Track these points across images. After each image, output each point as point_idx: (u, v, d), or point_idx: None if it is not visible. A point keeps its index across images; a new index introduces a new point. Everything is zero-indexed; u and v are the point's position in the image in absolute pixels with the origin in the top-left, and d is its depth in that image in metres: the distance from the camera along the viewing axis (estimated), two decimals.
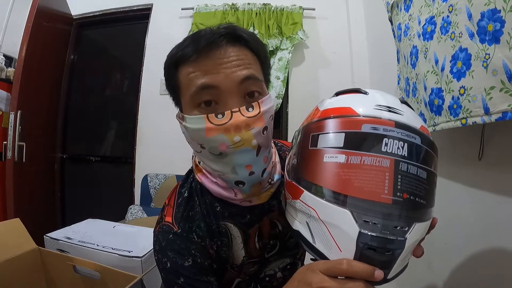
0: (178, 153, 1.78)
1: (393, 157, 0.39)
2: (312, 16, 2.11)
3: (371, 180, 0.38)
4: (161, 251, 0.56)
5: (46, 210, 2.19)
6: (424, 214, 0.41)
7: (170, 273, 0.54)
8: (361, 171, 0.39)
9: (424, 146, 0.41)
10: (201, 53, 0.49)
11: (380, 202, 0.38)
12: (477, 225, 0.91)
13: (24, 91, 1.85)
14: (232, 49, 0.50)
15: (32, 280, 1.09)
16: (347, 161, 0.40)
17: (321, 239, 0.42)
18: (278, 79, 2.00)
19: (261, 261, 0.65)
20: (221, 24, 0.53)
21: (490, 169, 0.87)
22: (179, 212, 0.58)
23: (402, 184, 0.38)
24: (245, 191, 0.55)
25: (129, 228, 1.43)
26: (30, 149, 1.91)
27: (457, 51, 0.77)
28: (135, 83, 2.27)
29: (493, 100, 0.66)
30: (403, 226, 0.38)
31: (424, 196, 0.40)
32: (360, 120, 0.41)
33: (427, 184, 0.40)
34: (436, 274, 1.10)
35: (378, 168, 0.38)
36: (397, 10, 1.18)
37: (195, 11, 2.11)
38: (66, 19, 2.33)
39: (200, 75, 0.49)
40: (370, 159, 0.39)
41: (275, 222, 0.63)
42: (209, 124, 0.48)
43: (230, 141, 0.48)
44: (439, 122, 0.88)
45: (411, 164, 0.39)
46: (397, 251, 0.38)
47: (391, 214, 0.38)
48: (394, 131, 0.40)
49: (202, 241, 0.57)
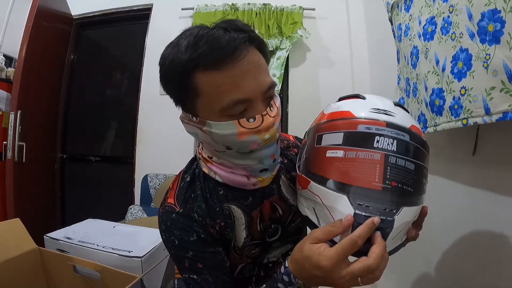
0: (178, 153, 1.79)
1: (384, 152, 0.46)
2: (312, 16, 2.11)
3: (364, 171, 0.46)
4: (168, 231, 0.59)
5: (46, 210, 2.19)
6: (412, 200, 0.47)
7: (179, 249, 0.58)
8: (356, 164, 0.46)
9: (412, 142, 0.48)
10: (226, 60, 0.48)
11: (371, 188, 0.45)
12: (477, 224, 0.91)
13: (24, 91, 1.85)
14: (251, 52, 0.51)
15: (32, 280, 1.09)
16: (345, 156, 0.47)
17: (324, 221, 0.50)
18: (274, 76, 2.00)
19: (263, 244, 0.67)
20: (224, 21, 0.53)
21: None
22: (181, 194, 0.62)
23: (391, 174, 0.45)
24: (266, 175, 0.61)
25: (129, 228, 1.43)
26: (30, 149, 1.91)
27: (458, 51, 0.77)
28: (135, 83, 2.27)
29: (494, 100, 0.66)
30: (391, 209, 0.45)
31: (412, 184, 0.47)
32: (356, 121, 0.49)
33: (415, 174, 0.47)
34: (436, 272, 1.10)
35: (370, 161, 0.46)
36: (397, 10, 1.18)
37: (195, 11, 2.11)
38: (66, 19, 2.33)
39: (232, 88, 0.49)
40: (364, 154, 0.46)
41: (275, 205, 0.67)
42: (241, 129, 0.51)
43: (262, 140, 0.53)
44: (440, 123, 0.88)
45: (399, 157, 0.46)
46: (387, 229, 0.45)
47: (381, 199, 0.45)
48: (385, 130, 0.47)
49: (203, 220, 0.60)
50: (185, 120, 0.57)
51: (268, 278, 0.61)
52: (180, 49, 0.50)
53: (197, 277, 0.58)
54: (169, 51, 0.52)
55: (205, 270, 0.58)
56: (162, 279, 1.23)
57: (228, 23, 0.52)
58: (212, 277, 0.58)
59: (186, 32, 0.52)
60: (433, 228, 1.11)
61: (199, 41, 0.49)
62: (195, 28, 0.51)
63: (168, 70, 0.53)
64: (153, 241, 1.22)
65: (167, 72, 0.53)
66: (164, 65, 0.53)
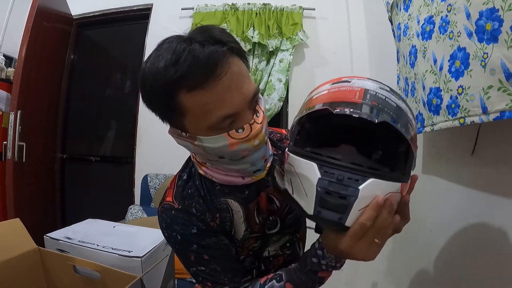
0: (178, 153, 1.78)
1: (364, 87, 0.49)
2: (312, 16, 2.11)
3: (344, 94, 0.49)
4: (169, 228, 0.60)
5: (46, 210, 2.20)
6: (385, 175, 0.47)
7: (183, 243, 0.59)
8: (338, 92, 0.50)
9: (393, 93, 0.50)
10: (209, 79, 0.47)
11: (351, 102, 0.47)
12: (477, 224, 0.91)
13: (24, 91, 1.85)
14: (232, 64, 0.50)
15: (32, 280, 1.09)
16: (328, 91, 0.51)
17: (296, 189, 0.52)
18: (280, 82, 2.00)
19: (262, 237, 0.68)
20: (199, 32, 0.51)
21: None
22: (178, 192, 0.63)
23: (371, 98, 0.47)
24: (259, 174, 0.63)
25: (129, 228, 1.44)
26: (30, 149, 1.92)
27: (456, 50, 0.77)
28: (135, 83, 2.28)
29: (491, 99, 0.66)
30: (357, 179, 0.46)
31: (393, 114, 0.47)
32: (343, 77, 0.54)
33: (396, 109, 0.48)
34: (436, 272, 1.10)
35: (351, 90, 0.49)
36: (397, 10, 1.18)
37: (195, 11, 2.11)
38: (66, 19, 2.33)
39: (218, 105, 0.49)
40: (346, 87, 0.50)
41: (271, 197, 0.68)
42: (232, 140, 0.52)
43: (252, 146, 0.54)
44: (437, 122, 0.88)
45: (380, 91, 0.48)
46: (351, 198, 0.45)
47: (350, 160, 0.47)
48: (366, 79, 0.51)
49: (202, 214, 0.61)
50: (175, 135, 0.57)
51: (268, 272, 0.64)
52: (159, 68, 0.48)
53: (205, 268, 0.59)
54: (148, 70, 0.50)
55: (212, 260, 0.59)
56: (162, 279, 1.23)
57: (204, 34, 0.50)
58: (220, 266, 0.60)
59: (162, 46, 0.51)
60: (433, 228, 1.12)
61: (178, 60, 0.47)
62: (172, 42, 0.50)
63: (150, 91, 0.52)
64: (153, 241, 1.23)
65: (150, 94, 0.52)
66: (145, 86, 0.51)
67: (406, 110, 0.50)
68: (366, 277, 1.79)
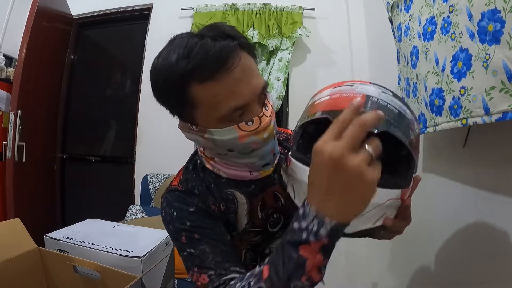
0: (178, 153, 1.78)
1: (366, 93, 0.47)
2: (312, 16, 2.11)
3: (346, 101, 0.47)
4: (168, 205, 0.61)
5: (46, 210, 2.19)
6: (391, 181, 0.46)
7: (176, 221, 0.59)
8: (339, 98, 0.49)
9: (396, 97, 0.49)
10: (221, 70, 0.49)
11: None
12: (478, 224, 0.91)
13: (24, 91, 1.85)
14: (242, 58, 0.52)
15: (32, 280, 1.09)
16: (330, 97, 0.51)
17: (298, 195, 0.54)
18: (279, 80, 2.00)
19: (264, 233, 0.69)
20: (211, 28, 0.53)
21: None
22: (184, 178, 0.65)
23: (372, 105, 0.46)
24: (268, 168, 0.64)
25: (129, 228, 1.44)
26: (30, 149, 1.91)
27: (458, 51, 0.77)
28: (135, 83, 2.27)
29: (493, 100, 0.66)
30: None
31: (394, 122, 0.46)
32: (344, 81, 0.53)
33: (398, 116, 0.47)
34: (437, 272, 1.10)
35: (352, 96, 0.47)
36: (397, 10, 1.18)
37: (195, 11, 2.11)
38: (66, 19, 2.33)
39: (229, 96, 0.51)
40: (347, 93, 0.49)
41: (277, 194, 0.69)
42: (241, 132, 0.54)
43: (261, 139, 0.56)
44: (440, 123, 0.88)
45: (382, 97, 0.47)
46: None
47: None
48: (367, 84, 0.50)
49: (204, 196, 0.62)
50: (185, 129, 0.59)
51: None
52: (172, 62, 0.50)
53: (194, 250, 0.56)
54: (160, 65, 0.53)
55: (202, 240, 0.56)
56: (162, 279, 1.23)
57: (215, 30, 0.52)
58: (210, 247, 0.56)
59: (174, 42, 0.52)
60: (433, 228, 1.12)
61: (190, 53, 0.49)
62: (184, 38, 0.52)
63: (162, 85, 0.54)
64: (153, 241, 1.23)
65: (161, 87, 0.54)
66: (157, 80, 0.54)
67: (409, 115, 0.49)
68: (366, 277, 1.79)
